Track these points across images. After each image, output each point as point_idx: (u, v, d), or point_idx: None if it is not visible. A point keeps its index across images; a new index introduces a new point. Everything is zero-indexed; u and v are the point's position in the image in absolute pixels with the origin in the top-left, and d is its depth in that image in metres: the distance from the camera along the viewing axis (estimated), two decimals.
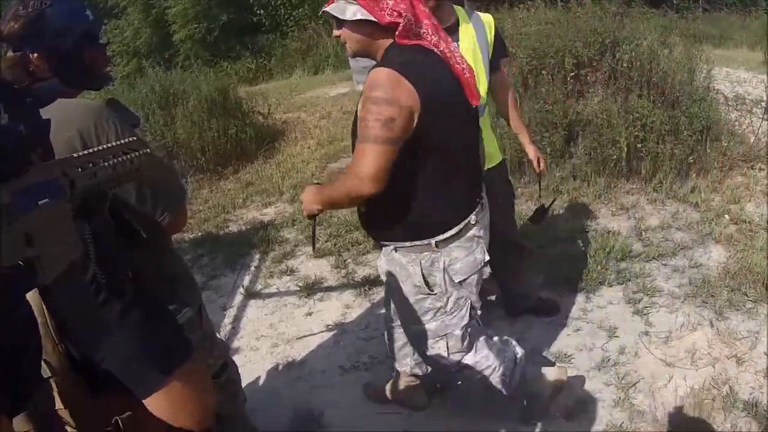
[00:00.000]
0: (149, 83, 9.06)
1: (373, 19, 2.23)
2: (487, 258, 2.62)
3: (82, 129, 1.88)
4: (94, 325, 1.10)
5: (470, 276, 2.56)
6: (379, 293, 4.57)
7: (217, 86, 9.28)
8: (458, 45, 3.06)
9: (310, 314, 4.51)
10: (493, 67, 3.38)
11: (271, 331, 4.31)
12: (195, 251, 5.75)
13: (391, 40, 2.28)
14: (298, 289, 4.87)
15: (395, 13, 2.22)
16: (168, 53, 20.60)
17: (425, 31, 2.30)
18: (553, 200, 4.45)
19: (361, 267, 5.06)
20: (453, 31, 3.12)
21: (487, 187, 2.98)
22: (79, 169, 1.08)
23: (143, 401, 1.19)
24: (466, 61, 2.42)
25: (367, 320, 4.29)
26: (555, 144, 5.87)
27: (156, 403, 1.19)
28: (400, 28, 2.23)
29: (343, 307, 4.51)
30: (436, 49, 2.31)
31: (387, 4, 2.22)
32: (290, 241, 5.78)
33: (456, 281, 2.54)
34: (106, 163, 1.15)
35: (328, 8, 2.35)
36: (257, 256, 5.59)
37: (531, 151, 3.64)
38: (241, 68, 17.45)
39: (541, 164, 3.66)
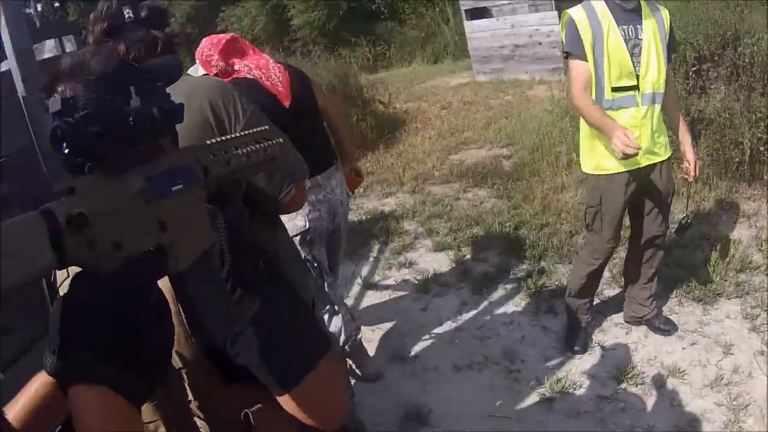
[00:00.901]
0: None
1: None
2: (308, 225, 3.24)
3: (211, 99, 2.00)
4: (226, 319, 1.08)
5: (294, 236, 3.19)
6: (497, 292, 4.59)
7: (337, 73, 9.32)
8: (641, 29, 3.28)
9: (425, 309, 4.54)
10: (668, 59, 3.40)
11: (386, 324, 4.37)
12: None
13: None
14: (416, 282, 4.91)
15: (215, 67, 3.07)
16: (286, 39, 20.60)
17: (237, 68, 3.09)
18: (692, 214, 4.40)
19: (480, 264, 5.04)
20: (635, 16, 3.30)
21: (652, 182, 3.50)
22: (213, 156, 1.07)
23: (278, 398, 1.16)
24: (279, 75, 3.14)
25: (483, 319, 4.29)
26: (676, 143, 5.67)
27: (290, 401, 1.15)
28: (219, 74, 3.05)
29: (459, 304, 4.52)
30: (249, 76, 3.06)
31: (213, 59, 3.07)
32: (410, 233, 5.83)
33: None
34: (240, 152, 1.13)
35: (188, 72, 3.25)
36: (376, 247, 5.67)
37: (689, 154, 3.58)
38: (360, 56, 17.24)
39: (696, 170, 3.58)
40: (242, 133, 1.19)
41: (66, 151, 0.84)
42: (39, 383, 1.13)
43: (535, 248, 5.00)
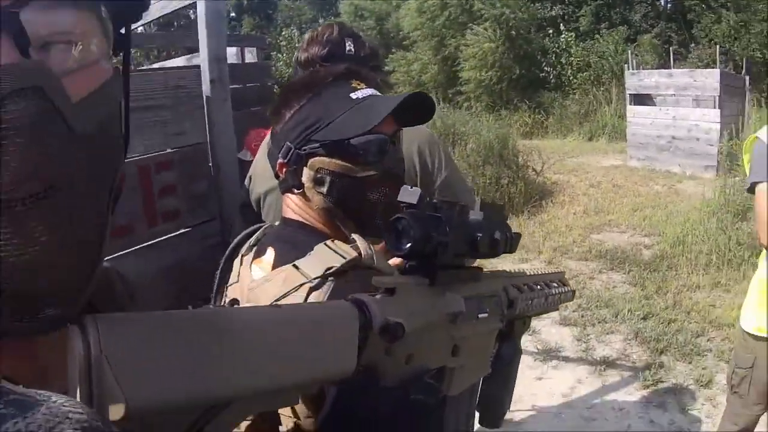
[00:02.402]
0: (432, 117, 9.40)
1: None
2: None
3: (421, 145, 2.08)
4: None
5: None
6: (613, 377, 4.55)
7: (497, 134, 9.42)
8: None
9: (540, 379, 4.56)
10: None
11: None
12: None
13: None
14: (536, 351, 4.94)
15: None
16: (451, 91, 20.74)
17: None
18: None
19: (602, 346, 5.02)
20: None
21: None
22: (521, 292, 1.05)
23: None
24: None
25: (594, 401, 4.27)
26: None
27: None
28: None
29: (574, 381, 4.51)
30: None
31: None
32: None
33: None
34: (543, 292, 1.11)
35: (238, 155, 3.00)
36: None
37: None
38: (518, 120, 17.44)
39: None
40: (546, 271, 1.19)
41: (406, 246, 0.78)
42: None
43: (659, 342, 4.94)
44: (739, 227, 6.68)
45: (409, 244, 0.77)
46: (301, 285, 1.01)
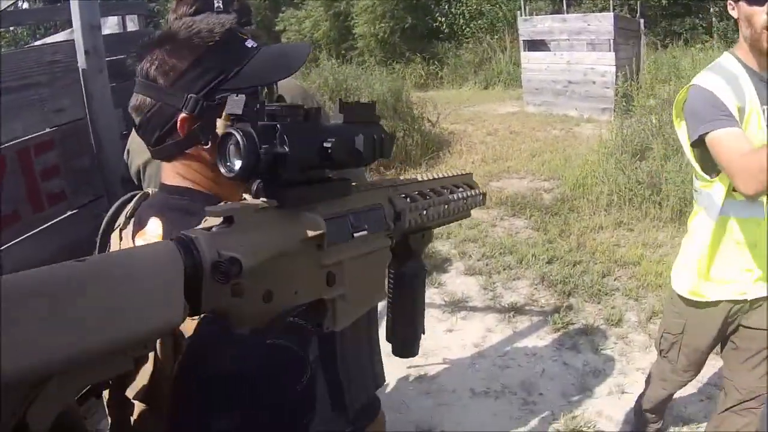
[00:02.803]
0: (323, 74, 9.29)
1: None
2: None
3: (294, 99, 2.06)
4: (369, 384, 0.97)
5: None
6: (523, 323, 4.56)
7: (390, 87, 9.47)
8: None
9: (450, 331, 4.53)
10: None
11: None
12: None
13: None
14: (443, 303, 4.90)
15: None
16: (344, 46, 20.75)
17: None
18: None
19: (509, 292, 5.03)
20: None
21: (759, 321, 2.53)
22: (410, 201, 0.93)
23: None
24: None
25: (506, 348, 4.27)
26: None
27: None
28: None
29: (484, 330, 4.50)
30: None
31: None
32: (443, 253, 5.83)
33: None
34: (442, 199, 0.99)
35: None
36: None
37: None
38: (412, 72, 17.52)
39: None
40: (443, 175, 1.07)
41: (238, 166, 0.68)
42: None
43: (565, 284, 4.98)
44: (637, 167, 6.77)
45: (238, 163, 0.67)
46: None
